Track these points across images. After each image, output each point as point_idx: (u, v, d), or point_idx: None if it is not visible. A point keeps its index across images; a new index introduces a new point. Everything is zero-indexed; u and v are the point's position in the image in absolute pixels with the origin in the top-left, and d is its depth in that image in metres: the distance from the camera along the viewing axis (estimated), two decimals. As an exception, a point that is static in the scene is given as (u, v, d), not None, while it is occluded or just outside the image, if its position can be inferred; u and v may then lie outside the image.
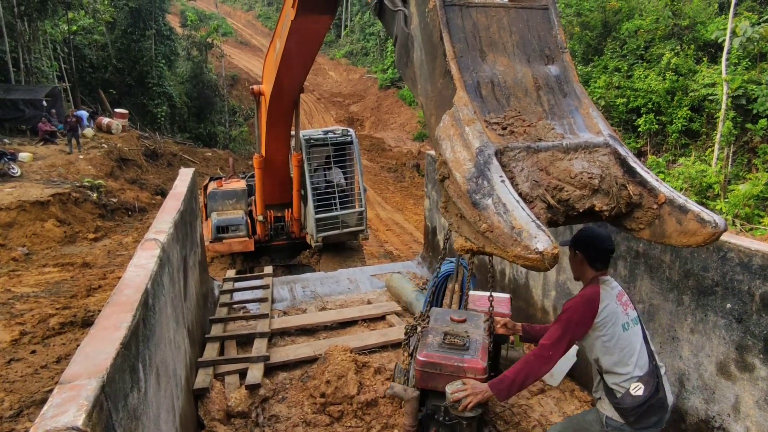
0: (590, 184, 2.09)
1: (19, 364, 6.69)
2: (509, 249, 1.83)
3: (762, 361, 2.97)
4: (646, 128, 18.45)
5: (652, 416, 2.61)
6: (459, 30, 2.35)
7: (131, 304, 2.51)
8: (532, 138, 2.18)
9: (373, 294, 6.95)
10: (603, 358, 2.64)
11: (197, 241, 5.80)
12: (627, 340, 2.62)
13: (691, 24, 19.61)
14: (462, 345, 3.07)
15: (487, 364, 2.99)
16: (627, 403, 2.59)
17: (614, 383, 2.63)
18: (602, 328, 2.60)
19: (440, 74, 2.33)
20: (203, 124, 32.26)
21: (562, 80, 2.43)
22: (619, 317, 2.62)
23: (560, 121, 2.30)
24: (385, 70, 36.62)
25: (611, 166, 2.19)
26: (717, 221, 2.00)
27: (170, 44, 30.91)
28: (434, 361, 2.98)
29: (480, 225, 1.93)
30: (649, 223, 2.19)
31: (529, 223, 1.82)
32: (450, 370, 2.94)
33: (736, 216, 13.15)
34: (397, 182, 23.53)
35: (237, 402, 4.32)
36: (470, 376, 2.87)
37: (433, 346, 3.09)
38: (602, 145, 2.24)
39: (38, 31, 22.60)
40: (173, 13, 40.18)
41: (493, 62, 2.36)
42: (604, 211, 2.12)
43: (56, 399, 1.78)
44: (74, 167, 17.21)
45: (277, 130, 8.87)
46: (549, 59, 2.46)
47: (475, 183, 1.99)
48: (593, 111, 2.37)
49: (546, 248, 1.75)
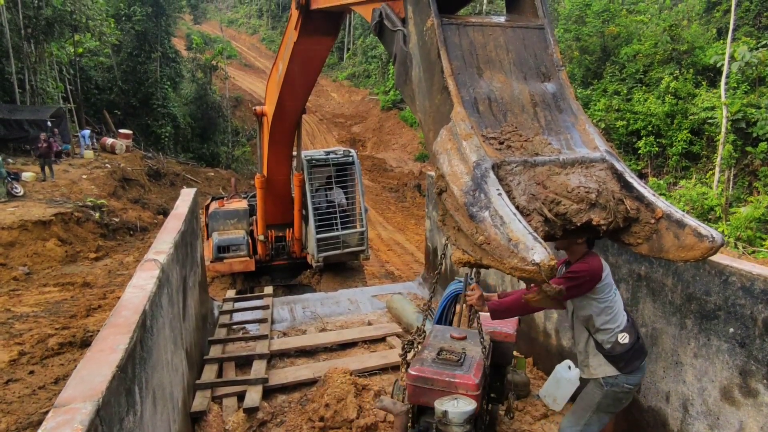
0: (587, 198, 2.09)
1: (16, 385, 6.63)
2: (506, 261, 1.83)
3: (766, 386, 2.93)
4: (646, 150, 18.54)
5: (636, 360, 3.07)
6: (456, 48, 2.39)
7: (128, 325, 2.49)
8: (529, 153, 2.20)
9: (374, 315, 6.90)
10: (597, 318, 3.04)
11: (198, 261, 5.79)
12: (616, 301, 3.08)
13: (690, 49, 19.84)
14: (456, 361, 3.04)
15: (480, 381, 2.94)
16: (617, 351, 3.02)
17: (603, 339, 3.06)
18: (601, 292, 3.00)
19: (438, 90, 2.36)
20: (206, 145, 32.47)
21: (559, 97, 2.45)
22: (612, 284, 3.07)
23: (557, 137, 2.32)
24: (386, 92, 36.98)
25: (608, 181, 2.20)
26: (714, 236, 2.00)
27: (175, 66, 31.30)
28: (426, 375, 2.94)
29: (477, 237, 1.94)
30: (647, 238, 2.19)
31: (525, 235, 1.82)
32: (441, 385, 2.91)
33: (737, 239, 13.11)
34: (398, 202, 23.57)
35: (234, 426, 4.26)
36: (462, 392, 2.86)
37: (427, 362, 3.06)
38: (599, 160, 2.26)
39: (44, 53, 22.91)
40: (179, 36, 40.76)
41: (490, 79, 2.39)
42: (602, 225, 2.12)
43: (50, 423, 1.76)
44: (77, 187, 17.29)
45: (279, 150, 8.93)
46: (545, 77, 2.49)
47: (472, 196, 2.00)
48: (590, 127, 2.39)
49: (543, 260, 1.76)
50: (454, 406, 2.78)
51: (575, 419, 3.26)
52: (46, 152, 17.10)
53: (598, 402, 3.15)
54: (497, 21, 2.54)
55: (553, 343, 4.97)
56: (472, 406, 2.78)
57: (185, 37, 43.35)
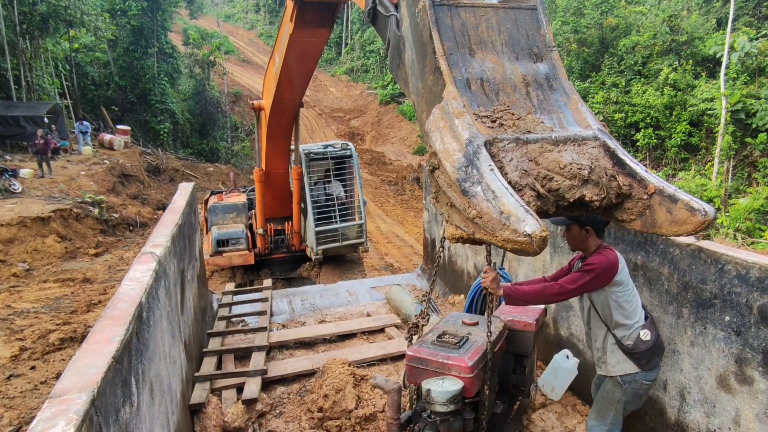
0: (580, 174, 2.10)
1: (18, 380, 6.65)
2: (498, 233, 1.85)
3: (761, 374, 2.94)
4: (645, 143, 18.51)
5: (656, 357, 3.09)
6: (448, 29, 2.39)
7: (124, 317, 2.49)
8: (522, 130, 2.21)
9: (373, 306, 6.92)
10: (615, 312, 3.03)
11: (196, 255, 5.79)
12: (634, 295, 3.09)
13: (689, 40, 19.77)
14: (455, 344, 3.03)
15: (476, 364, 2.91)
16: (640, 348, 3.01)
17: (624, 335, 3.04)
18: (619, 286, 3.00)
19: (430, 71, 2.37)
20: (205, 140, 32.43)
21: (551, 77, 2.46)
22: (630, 278, 3.08)
23: (549, 116, 2.33)
24: (385, 86, 36.93)
25: (601, 158, 2.20)
26: (706, 209, 2.01)
27: (172, 62, 31.16)
28: (421, 356, 2.96)
29: (470, 212, 1.96)
30: (640, 214, 2.20)
31: (517, 208, 1.84)
32: (435, 366, 2.92)
33: (737, 230, 13.11)
34: (397, 195, 23.57)
35: (234, 417, 4.28)
36: (454, 374, 2.85)
37: (426, 343, 3.07)
38: (591, 138, 2.26)
39: (40, 49, 22.82)
40: (175, 31, 40.54)
41: (482, 60, 2.39)
42: (594, 201, 2.12)
43: (45, 413, 1.77)
44: (76, 183, 17.27)
45: (277, 144, 8.93)
46: (537, 57, 2.50)
47: (464, 172, 2.01)
48: (582, 106, 2.39)
49: (534, 231, 1.77)
50: (439, 385, 2.76)
51: (601, 418, 3.29)
52: (43, 149, 17.04)
53: (619, 400, 3.19)
54: (489, 2, 2.53)
55: (551, 333, 4.99)
56: (457, 386, 2.76)
57: (182, 32, 43.14)
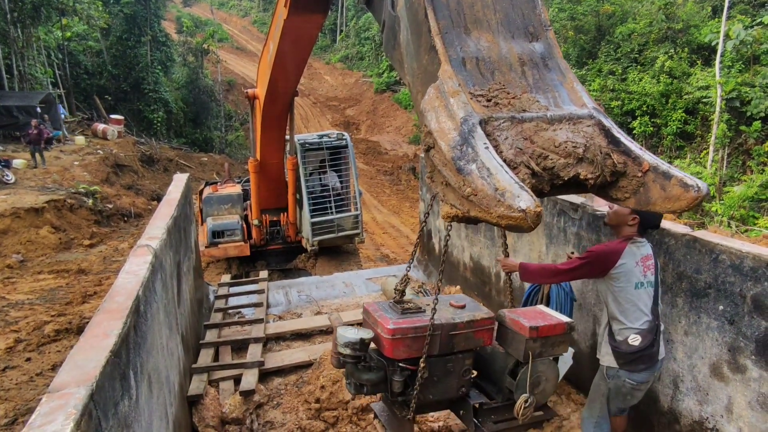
0: (575, 152, 2.12)
1: (14, 372, 6.65)
2: (493, 210, 1.86)
3: (753, 362, 2.97)
4: (641, 131, 18.53)
5: (641, 364, 3.13)
6: (443, 7, 2.39)
7: (122, 311, 2.49)
8: (517, 109, 2.21)
9: (369, 298, 6.95)
10: (611, 304, 3.17)
11: (191, 247, 5.78)
12: (636, 296, 3.11)
13: (685, 27, 19.73)
14: (403, 310, 3.11)
15: (399, 329, 2.95)
16: (622, 349, 3.13)
17: (617, 329, 3.17)
18: (615, 280, 3.12)
19: (425, 51, 2.37)
20: (199, 130, 32.23)
21: (546, 56, 2.46)
22: (634, 276, 3.11)
23: (545, 95, 2.34)
24: (380, 75, 36.70)
25: (595, 137, 2.21)
26: (700, 185, 2.03)
27: (166, 50, 30.88)
28: (369, 310, 3.20)
29: (465, 189, 1.97)
30: (634, 192, 2.21)
31: (512, 184, 1.85)
32: (371, 320, 3.15)
33: (731, 218, 13.20)
34: (393, 185, 23.54)
35: (231, 408, 4.31)
36: (378, 331, 3.02)
37: (384, 304, 3.27)
38: (586, 116, 2.27)
39: (32, 38, 22.54)
40: (168, 19, 40.12)
41: (478, 39, 2.39)
42: (589, 179, 2.14)
43: (44, 408, 1.77)
44: (69, 174, 17.15)
45: (272, 133, 8.86)
46: (533, 36, 2.49)
47: (459, 150, 2.03)
48: (577, 85, 2.40)
49: (529, 206, 1.78)
50: (345, 330, 2.93)
51: (590, 411, 3.43)
52: (36, 139, 16.87)
53: (604, 393, 3.30)
54: None
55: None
56: (356, 336, 2.88)
57: (175, 20, 42.67)
